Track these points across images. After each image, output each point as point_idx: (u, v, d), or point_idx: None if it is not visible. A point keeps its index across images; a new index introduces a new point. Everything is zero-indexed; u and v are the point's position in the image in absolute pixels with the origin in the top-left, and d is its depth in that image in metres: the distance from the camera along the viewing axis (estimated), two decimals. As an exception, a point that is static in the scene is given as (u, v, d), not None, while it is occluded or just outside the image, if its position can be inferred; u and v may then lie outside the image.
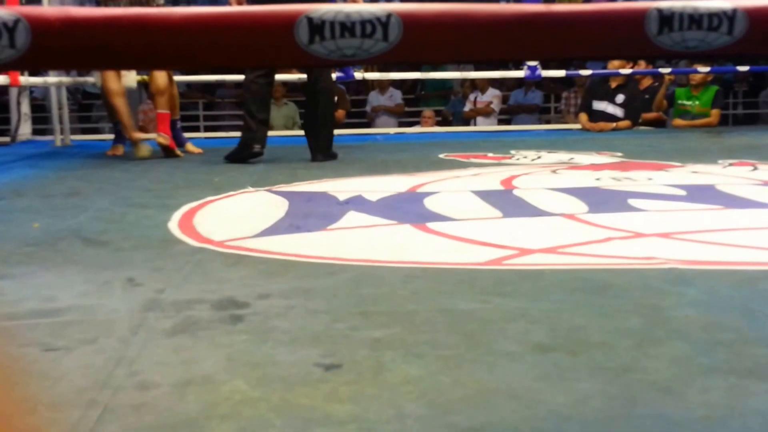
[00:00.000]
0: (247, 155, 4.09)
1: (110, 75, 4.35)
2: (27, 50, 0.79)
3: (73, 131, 5.75)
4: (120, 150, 4.64)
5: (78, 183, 3.40)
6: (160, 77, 4.39)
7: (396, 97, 8.34)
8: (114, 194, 3.03)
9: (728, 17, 0.90)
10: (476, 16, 0.87)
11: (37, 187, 3.27)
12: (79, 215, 2.58)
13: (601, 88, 6.32)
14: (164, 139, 4.36)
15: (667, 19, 0.90)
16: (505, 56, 0.92)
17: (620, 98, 6.15)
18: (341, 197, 2.80)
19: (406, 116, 8.60)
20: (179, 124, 4.82)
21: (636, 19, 0.88)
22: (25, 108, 5.15)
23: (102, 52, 0.80)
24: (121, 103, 4.36)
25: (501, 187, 3.06)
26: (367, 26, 0.87)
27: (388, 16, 0.87)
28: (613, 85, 6.20)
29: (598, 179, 3.27)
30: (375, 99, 8.30)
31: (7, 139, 5.07)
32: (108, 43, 0.79)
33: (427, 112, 7.98)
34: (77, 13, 0.79)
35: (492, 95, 7.99)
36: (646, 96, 6.44)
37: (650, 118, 6.40)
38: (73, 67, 1.06)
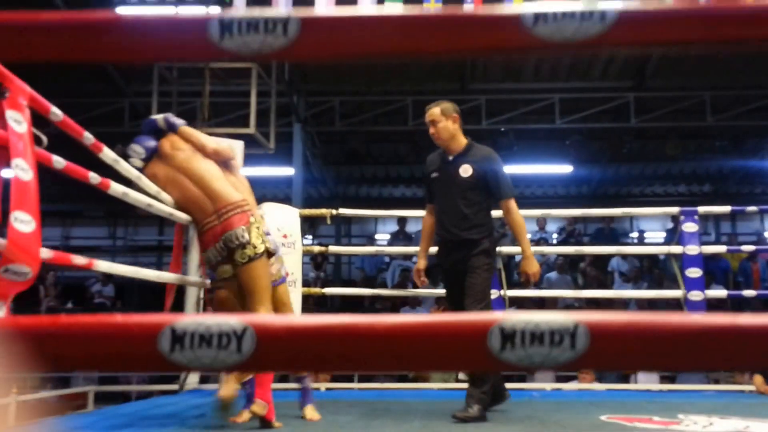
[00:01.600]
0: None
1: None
2: (251, 355, 0.88)
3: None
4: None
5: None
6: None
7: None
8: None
9: None
10: (664, 327, 0.91)
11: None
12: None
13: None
14: (260, 407, 3.62)
15: None
16: (695, 368, 0.94)
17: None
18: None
19: (562, 369, 8.43)
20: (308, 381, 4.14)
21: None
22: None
23: (320, 357, 0.89)
24: None
25: (673, 461, 2.90)
26: (555, 335, 0.92)
27: (576, 325, 0.92)
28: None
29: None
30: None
31: (175, 387, 5.32)
32: (325, 349, 0.88)
33: (585, 367, 7.80)
34: (299, 323, 0.89)
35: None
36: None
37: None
38: (293, 371, 1.17)
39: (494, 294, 5.71)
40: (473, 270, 4.19)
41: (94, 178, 3.04)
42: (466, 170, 4.27)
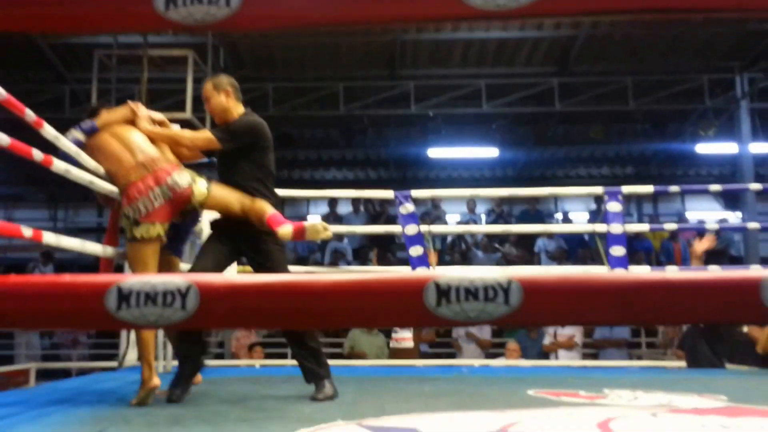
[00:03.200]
0: None
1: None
2: (196, 312, 0.91)
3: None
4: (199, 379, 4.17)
5: (179, 411, 3.46)
6: None
7: (485, 329, 8.36)
8: (213, 423, 3.08)
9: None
10: (595, 283, 0.97)
11: (142, 414, 3.36)
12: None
13: (698, 328, 6.02)
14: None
15: None
16: (623, 322, 1.00)
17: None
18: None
19: (491, 347, 8.61)
20: None
21: (750, 286, 0.96)
22: (133, 335, 5.38)
23: (261, 314, 0.92)
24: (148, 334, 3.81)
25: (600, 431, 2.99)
26: (489, 291, 0.98)
27: (509, 281, 0.98)
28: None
29: (703, 426, 3.10)
30: (462, 327, 8.32)
31: (114, 364, 5.28)
32: (266, 306, 0.91)
33: (512, 344, 7.94)
34: (242, 281, 0.92)
35: (574, 327, 7.80)
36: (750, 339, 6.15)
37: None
38: (235, 327, 1.17)
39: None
40: (265, 262, 4.00)
41: (37, 155, 3.05)
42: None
